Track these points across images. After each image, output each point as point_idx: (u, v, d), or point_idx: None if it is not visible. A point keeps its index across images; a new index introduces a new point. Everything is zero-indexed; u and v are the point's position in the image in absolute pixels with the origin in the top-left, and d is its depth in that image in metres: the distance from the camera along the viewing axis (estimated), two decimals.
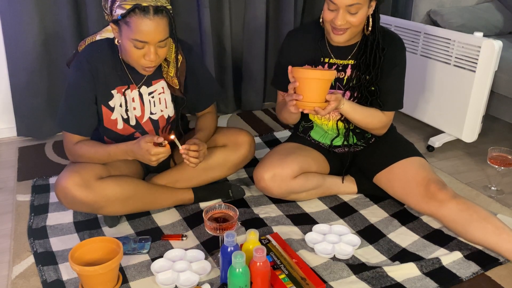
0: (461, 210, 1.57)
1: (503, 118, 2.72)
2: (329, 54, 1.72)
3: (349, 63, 1.70)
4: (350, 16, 1.53)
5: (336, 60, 1.71)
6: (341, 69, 1.71)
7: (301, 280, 1.39)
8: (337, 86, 1.72)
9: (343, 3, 1.51)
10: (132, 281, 1.44)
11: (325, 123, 1.79)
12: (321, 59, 1.72)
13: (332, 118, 1.77)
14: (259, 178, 1.74)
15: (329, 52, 1.72)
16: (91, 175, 1.55)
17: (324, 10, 1.58)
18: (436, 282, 1.43)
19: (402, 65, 1.70)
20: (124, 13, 1.40)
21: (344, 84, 1.71)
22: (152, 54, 1.45)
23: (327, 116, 1.77)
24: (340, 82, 1.72)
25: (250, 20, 2.66)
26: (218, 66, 2.70)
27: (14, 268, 1.50)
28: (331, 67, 1.71)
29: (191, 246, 1.59)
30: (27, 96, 2.33)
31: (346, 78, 1.71)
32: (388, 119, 1.73)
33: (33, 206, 1.83)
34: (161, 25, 1.42)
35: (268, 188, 1.74)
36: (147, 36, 1.41)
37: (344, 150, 1.85)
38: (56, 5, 2.26)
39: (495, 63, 2.05)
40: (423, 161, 1.74)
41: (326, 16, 1.57)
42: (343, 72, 1.71)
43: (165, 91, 1.68)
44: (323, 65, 1.72)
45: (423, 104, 2.38)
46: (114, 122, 1.64)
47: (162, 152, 1.48)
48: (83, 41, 1.66)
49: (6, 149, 2.36)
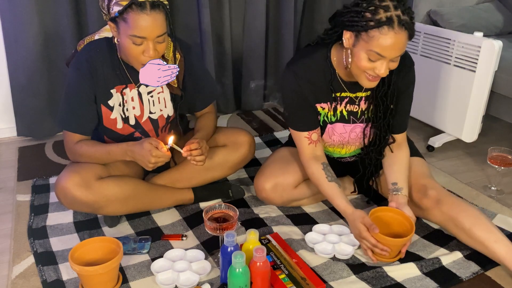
0: (446, 220, 1.55)
1: (503, 118, 2.72)
2: (343, 88, 1.60)
3: (362, 96, 1.62)
4: (392, 64, 1.42)
5: (349, 94, 1.61)
6: (351, 101, 1.62)
7: (301, 280, 1.39)
8: (351, 119, 1.64)
9: (392, 55, 1.38)
10: (132, 281, 1.44)
11: (337, 151, 1.74)
12: (333, 95, 1.60)
13: (348, 149, 1.73)
14: (260, 188, 1.72)
15: (342, 87, 1.60)
16: (91, 175, 1.55)
17: (361, 59, 1.41)
18: (436, 282, 1.43)
19: (414, 81, 1.64)
20: (121, 9, 1.40)
21: (359, 117, 1.64)
22: (151, 49, 1.45)
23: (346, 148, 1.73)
24: (354, 115, 1.64)
25: (250, 20, 2.66)
26: (218, 66, 2.70)
27: (14, 268, 1.50)
28: (343, 100, 1.61)
29: (191, 246, 1.59)
30: (27, 96, 2.33)
31: (360, 111, 1.63)
32: (405, 140, 1.70)
33: (33, 206, 1.83)
34: (158, 20, 1.43)
35: (270, 199, 1.73)
36: (145, 31, 1.41)
37: (348, 160, 1.82)
38: (56, 5, 2.26)
39: (495, 63, 2.05)
40: (411, 162, 1.69)
41: (365, 65, 1.41)
42: (357, 106, 1.62)
43: (164, 91, 1.68)
44: (336, 100, 1.61)
45: (423, 104, 2.38)
46: (114, 122, 1.64)
47: (162, 156, 1.48)
48: (82, 41, 1.66)
49: (6, 149, 2.36)
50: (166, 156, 1.49)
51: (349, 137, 1.68)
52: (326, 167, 1.62)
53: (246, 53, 2.73)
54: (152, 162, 1.48)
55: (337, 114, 1.64)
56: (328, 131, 1.67)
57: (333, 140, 1.69)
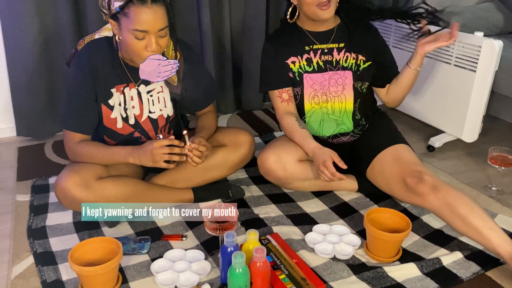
0: (442, 205, 1.54)
1: (503, 118, 2.72)
2: (312, 41, 1.78)
3: (334, 47, 1.78)
4: None
5: (320, 45, 1.78)
6: (326, 51, 1.78)
7: (301, 280, 1.38)
8: (328, 68, 1.79)
9: None
10: (132, 281, 1.43)
11: (323, 106, 1.82)
12: (306, 48, 1.78)
13: (333, 101, 1.82)
14: (264, 159, 1.75)
15: (311, 39, 1.78)
16: (90, 175, 1.54)
17: None
18: (437, 282, 1.43)
19: (386, 44, 1.86)
20: (122, 4, 1.41)
21: (335, 65, 1.79)
22: (154, 44, 1.45)
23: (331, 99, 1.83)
24: (330, 64, 1.79)
25: (250, 20, 2.66)
26: (218, 66, 2.70)
27: (14, 268, 1.49)
28: (317, 52, 1.78)
29: (191, 246, 1.59)
30: (27, 96, 2.33)
31: (335, 61, 1.78)
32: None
33: (32, 206, 1.82)
34: (159, 13, 1.44)
35: (273, 170, 1.75)
36: (147, 24, 1.42)
37: (342, 141, 1.85)
38: (56, 5, 2.26)
39: (496, 63, 2.05)
40: (399, 149, 1.74)
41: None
42: (330, 55, 1.78)
43: (164, 90, 1.68)
44: (309, 53, 1.78)
45: (423, 104, 2.38)
46: (114, 121, 1.64)
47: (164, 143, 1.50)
48: (82, 40, 1.66)
49: (5, 149, 2.36)
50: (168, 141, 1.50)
51: (329, 84, 1.79)
52: (298, 119, 1.79)
53: (246, 53, 2.73)
54: (156, 147, 1.48)
55: (314, 65, 1.79)
56: (307, 80, 1.79)
57: (314, 90, 1.79)
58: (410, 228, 1.49)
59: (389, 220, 1.56)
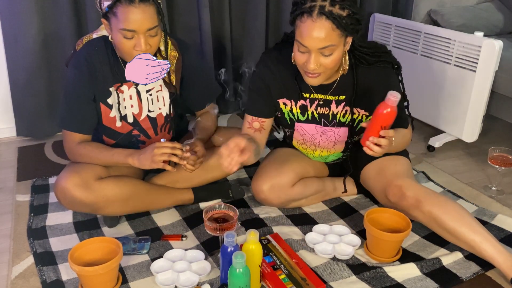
0: (428, 220, 1.51)
1: (503, 118, 2.72)
2: (310, 90, 1.59)
3: (333, 99, 1.59)
4: (324, 58, 1.37)
5: (317, 95, 1.59)
6: (322, 103, 1.60)
7: (301, 280, 1.38)
8: (323, 122, 1.64)
9: (315, 47, 1.34)
10: (132, 281, 1.43)
11: (310, 153, 1.75)
12: (303, 95, 1.60)
13: (320, 150, 1.72)
14: (258, 190, 1.70)
15: (309, 88, 1.58)
16: (90, 175, 1.54)
17: (294, 52, 1.41)
18: (437, 282, 1.43)
19: (398, 85, 1.56)
20: (110, 3, 1.41)
21: (330, 120, 1.63)
22: (143, 43, 1.44)
23: (314, 148, 1.72)
24: (325, 118, 1.63)
25: (250, 20, 2.66)
26: (218, 66, 2.70)
27: (14, 268, 1.49)
28: (314, 102, 1.61)
29: (191, 246, 1.59)
30: (27, 96, 2.33)
31: (331, 114, 1.62)
32: (410, 131, 1.64)
33: (32, 206, 1.82)
34: (147, 12, 1.42)
35: (268, 199, 1.72)
36: (134, 24, 1.41)
37: (333, 162, 1.83)
38: (56, 5, 2.26)
39: (496, 63, 2.05)
40: (384, 161, 1.66)
41: (297, 59, 1.41)
42: (327, 108, 1.61)
43: (163, 89, 1.68)
44: (305, 100, 1.61)
45: (423, 104, 2.38)
46: (113, 120, 1.64)
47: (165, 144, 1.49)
48: (80, 40, 1.66)
49: (5, 149, 2.36)
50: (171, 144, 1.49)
51: (320, 139, 1.68)
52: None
53: (246, 53, 2.72)
54: (158, 147, 1.48)
55: (308, 115, 1.64)
56: (298, 129, 1.69)
57: (304, 139, 1.71)
58: (410, 228, 1.49)
59: (389, 220, 1.56)
